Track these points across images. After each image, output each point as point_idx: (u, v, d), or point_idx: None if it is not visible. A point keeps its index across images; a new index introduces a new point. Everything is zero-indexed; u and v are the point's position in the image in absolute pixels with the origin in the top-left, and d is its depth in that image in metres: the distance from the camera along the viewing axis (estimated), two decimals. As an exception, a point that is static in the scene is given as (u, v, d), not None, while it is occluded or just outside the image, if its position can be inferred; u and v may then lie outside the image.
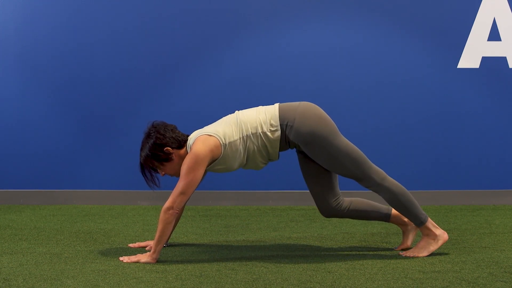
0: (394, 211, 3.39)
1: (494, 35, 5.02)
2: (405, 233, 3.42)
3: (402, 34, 5.06)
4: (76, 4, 5.07)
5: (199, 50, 5.08)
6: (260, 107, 3.33)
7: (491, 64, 5.04)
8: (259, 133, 3.22)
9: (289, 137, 3.23)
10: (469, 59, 5.04)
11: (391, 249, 3.43)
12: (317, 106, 3.31)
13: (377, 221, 4.22)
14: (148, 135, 3.30)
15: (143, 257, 3.16)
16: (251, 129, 3.22)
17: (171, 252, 3.39)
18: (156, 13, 5.07)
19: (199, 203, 5.03)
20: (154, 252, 3.15)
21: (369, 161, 3.27)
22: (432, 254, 3.27)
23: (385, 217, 3.40)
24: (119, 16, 5.07)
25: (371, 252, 3.37)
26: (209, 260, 3.21)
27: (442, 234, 3.28)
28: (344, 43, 5.07)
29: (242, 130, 3.22)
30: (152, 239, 3.55)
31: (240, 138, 3.21)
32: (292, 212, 4.75)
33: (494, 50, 5.03)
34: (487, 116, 5.06)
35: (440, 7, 5.03)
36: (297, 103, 3.32)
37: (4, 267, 3.01)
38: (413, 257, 3.23)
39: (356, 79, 5.06)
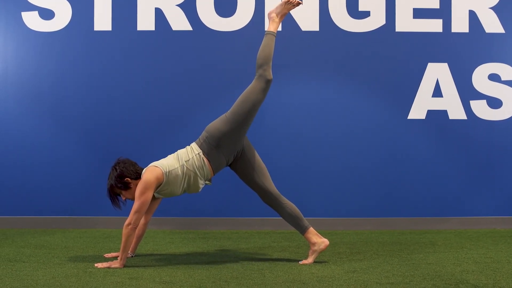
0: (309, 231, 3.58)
1: (437, 92, 5.11)
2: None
3: (365, 91, 5.08)
4: (100, 66, 5.11)
5: (201, 103, 5.10)
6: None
7: (435, 116, 5.09)
8: (194, 155, 3.49)
9: (214, 143, 3.50)
10: (417, 111, 5.09)
11: (356, 262, 3.46)
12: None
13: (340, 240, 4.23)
14: (114, 169, 3.56)
15: (113, 264, 3.38)
16: (184, 158, 3.49)
17: (175, 268, 3.40)
18: (166, 73, 5.11)
19: (198, 228, 5.01)
20: (120, 259, 3.39)
21: None
22: (387, 269, 3.30)
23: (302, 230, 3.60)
24: (136, 74, 5.10)
25: (338, 267, 3.39)
26: (206, 274, 3.22)
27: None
28: (315, 99, 5.11)
29: (179, 159, 3.49)
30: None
31: (179, 166, 3.47)
32: (274, 235, 4.73)
33: (437, 104, 5.10)
34: (431, 158, 5.08)
35: (395, 70, 5.09)
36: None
37: (40, 279, 3.03)
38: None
39: (326, 128, 5.09)
